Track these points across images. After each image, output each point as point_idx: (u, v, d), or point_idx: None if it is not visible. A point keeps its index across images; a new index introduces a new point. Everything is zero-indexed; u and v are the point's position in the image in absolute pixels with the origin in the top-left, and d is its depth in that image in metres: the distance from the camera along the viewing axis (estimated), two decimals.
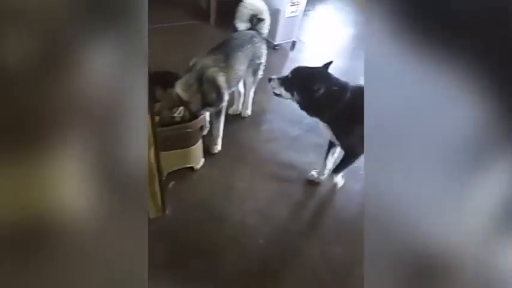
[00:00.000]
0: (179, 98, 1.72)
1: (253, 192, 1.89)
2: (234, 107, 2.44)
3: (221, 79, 1.82)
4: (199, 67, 1.78)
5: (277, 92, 1.71)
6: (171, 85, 1.77)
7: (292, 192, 1.91)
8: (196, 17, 3.65)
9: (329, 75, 1.59)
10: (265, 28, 2.22)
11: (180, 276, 1.45)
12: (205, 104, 1.82)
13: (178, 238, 1.60)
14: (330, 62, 1.64)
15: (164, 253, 1.53)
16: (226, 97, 1.91)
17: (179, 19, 3.57)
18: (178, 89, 1.73)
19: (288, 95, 1.66)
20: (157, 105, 1.68)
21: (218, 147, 2.11)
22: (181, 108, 1.69)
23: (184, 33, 3.41)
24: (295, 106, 1.70)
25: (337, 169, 1.82)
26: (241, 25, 2.17)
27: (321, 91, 1.54)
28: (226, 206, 1.78)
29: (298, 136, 2.27)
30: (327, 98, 1.56)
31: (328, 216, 1.76)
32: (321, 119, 1.67)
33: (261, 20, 2.17)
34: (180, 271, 1.47)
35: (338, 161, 1.83)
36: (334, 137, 1.70)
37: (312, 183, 1.95)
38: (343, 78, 1.61)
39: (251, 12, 2.13)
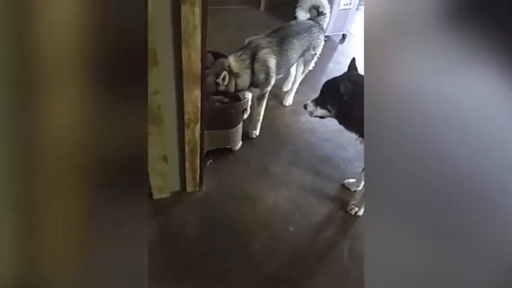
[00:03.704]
0: (229, 67, 1.74)
1: (288, 179, 1.88)
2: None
3: (272, 61, 1.83)
4: (253, 45, 1.81)
5: (318, 114, 1.57)
6: None
7: (327, 185, 1.88)
8: (247, 3, 3.81)
9: (359, 76, 1.44)
10: (324, 22, 2.20)
11: (208, 249, 1.50)
12: (253, 84, 1.84)
13: (211, 214, 1.64)
14: (353, 59, 1.51)
15: (196, 225, 1.58)
16: (273, 81, 1.92)
17: (233, 3, 3.75)
18: (231, 59, 1.76)
19: (326, 112, 1.54)
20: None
21: (257, 132, 2.12)
22: (225, 73, 1.68)
23: (236, 16, 3.53)
24: None
25: None
26: (301, 14, 2.18)
27: (347, 94, 1.38)
28: (260, 189, 1.80)
29: (338, 130, 2.21)
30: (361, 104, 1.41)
31: (361, 215, 1.73)
32: (358, 132, 1.50)
33: (321, 13, 2.16)
34: (208, 245, 1.51)
35: None
36: None
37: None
38: None
39: (313, 2, 2.14)
